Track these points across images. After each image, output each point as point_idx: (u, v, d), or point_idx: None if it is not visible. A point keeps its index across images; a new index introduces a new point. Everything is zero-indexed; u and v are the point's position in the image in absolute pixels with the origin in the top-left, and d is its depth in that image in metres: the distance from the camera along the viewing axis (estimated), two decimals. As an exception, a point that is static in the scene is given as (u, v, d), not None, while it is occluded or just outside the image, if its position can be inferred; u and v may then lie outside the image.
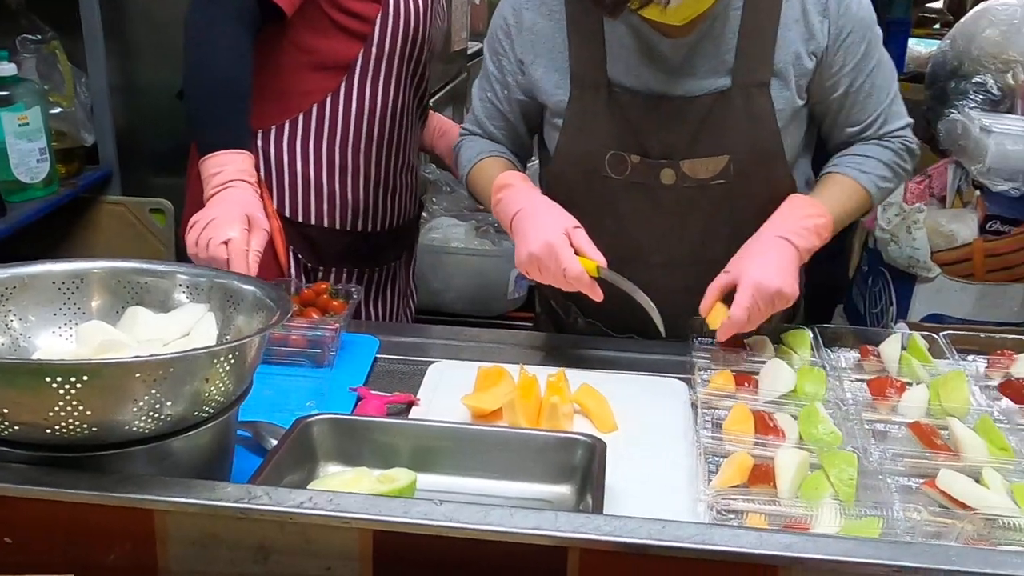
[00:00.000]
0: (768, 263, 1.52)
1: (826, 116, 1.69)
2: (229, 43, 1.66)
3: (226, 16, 1.66)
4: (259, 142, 1.88)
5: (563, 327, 1.88)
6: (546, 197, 1.62)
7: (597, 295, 1.53)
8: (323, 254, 1.95)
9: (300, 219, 1.91)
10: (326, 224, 1.93)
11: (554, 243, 1.51)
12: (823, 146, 1.77)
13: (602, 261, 1.53)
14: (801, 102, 1.63)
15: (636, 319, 1.57)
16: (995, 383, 1.51)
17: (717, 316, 1.53)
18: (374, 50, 1.84)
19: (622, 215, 1.66)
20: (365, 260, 2.01)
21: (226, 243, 1.50)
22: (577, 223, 1.55)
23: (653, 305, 1.54)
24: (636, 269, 1.58)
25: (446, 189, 3.43)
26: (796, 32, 1.58)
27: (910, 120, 1.71)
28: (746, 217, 1.61)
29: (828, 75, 1.62)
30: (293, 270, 1.90)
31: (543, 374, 1.50)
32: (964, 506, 1.19)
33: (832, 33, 1.59)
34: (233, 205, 1.56)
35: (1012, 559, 0.99)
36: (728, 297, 1.52)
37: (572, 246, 1.52)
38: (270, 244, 1.63)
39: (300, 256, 1.93)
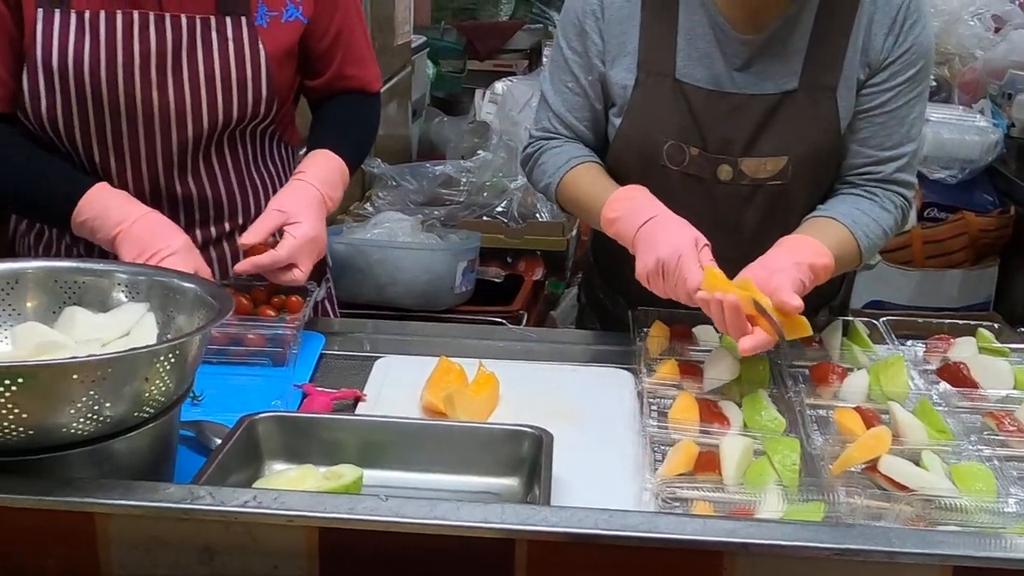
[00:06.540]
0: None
1: (856, 132, 1.63)
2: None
3: None
4: None
5: (609, 319, 1.83)
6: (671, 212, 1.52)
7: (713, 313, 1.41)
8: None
9: None
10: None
11: (684, 251, 1.44)
12: None
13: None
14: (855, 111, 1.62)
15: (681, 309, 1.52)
16: (933, 367, 1.54)
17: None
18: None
19: (676, 206, 1.58)
20: None
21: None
22: (706, 241, 1.47)
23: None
24: None
25: (391, 183, 3.42)
26: (862, 42, 1.58)
27: (915, 184, 1.69)
28: (797, 218, 1.61)
29: (872, 88, 1.60)
30: None
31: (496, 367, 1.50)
32: (905, 489, 1.20)
33: (890, 49, 1.58)
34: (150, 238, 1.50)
35: (950, 538, 1.01)
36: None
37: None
38: None
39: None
